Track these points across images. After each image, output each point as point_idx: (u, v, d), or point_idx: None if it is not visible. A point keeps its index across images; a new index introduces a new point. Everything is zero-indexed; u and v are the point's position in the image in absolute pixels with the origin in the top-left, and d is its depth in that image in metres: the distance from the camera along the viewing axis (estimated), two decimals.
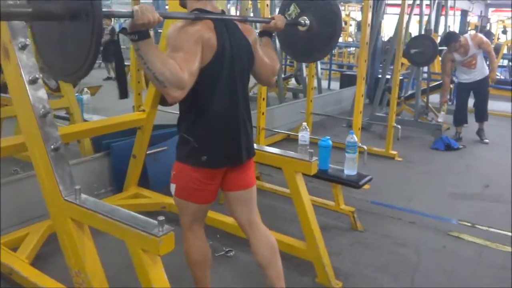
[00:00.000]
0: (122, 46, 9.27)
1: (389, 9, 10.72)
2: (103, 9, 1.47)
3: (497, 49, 10.34)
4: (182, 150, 2.04)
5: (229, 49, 1.95)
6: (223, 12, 2.05)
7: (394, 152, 5.34)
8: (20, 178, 3.09)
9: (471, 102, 6.31)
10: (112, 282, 2.04)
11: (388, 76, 6.53)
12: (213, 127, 1.99)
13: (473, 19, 14.73)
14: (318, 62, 7.41)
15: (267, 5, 4.04)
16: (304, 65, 7.52)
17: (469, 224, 3.61)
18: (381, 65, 7.92)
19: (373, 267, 2.95)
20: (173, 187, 2.11)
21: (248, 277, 2.76)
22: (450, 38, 5.91)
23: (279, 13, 2.83)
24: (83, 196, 1.92)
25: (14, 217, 3.01)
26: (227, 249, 3.05)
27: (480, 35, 6.14)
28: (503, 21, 14.59)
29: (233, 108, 2.03)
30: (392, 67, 5.75)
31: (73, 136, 3.17)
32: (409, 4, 6.21)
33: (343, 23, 16.57)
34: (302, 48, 2.88)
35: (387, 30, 12.54)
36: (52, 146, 1.97)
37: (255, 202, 2.24)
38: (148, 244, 1.68)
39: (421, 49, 5.85)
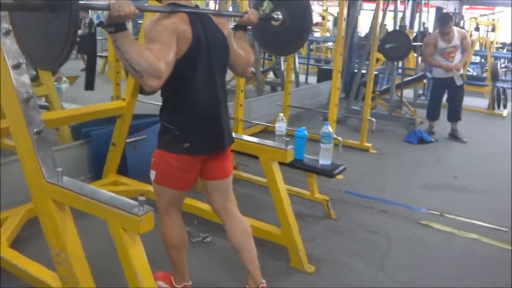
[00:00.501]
0: (99, 37, 9.21)
1: (365, 5, 10.88)
2: (79, 1, 1.56)
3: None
4: (164, 138, 2.12)
5: (204, 40, 2.03)
6: (197, 7, 2.14)
7: (369, 145, 5.49)
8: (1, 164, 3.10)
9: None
10: (92, 264, 2.10)
11: (364, 71, 6.68)
12: (194, 115, 2.08)
13: None
14: (296, 56, 7.51)
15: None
16: (282, 59, 7.64)
17: (437, 213, 3.77)
18: (357, 60, 8.07)
19: (346, 253, 3.07)
20: (152, 173, 2.18)
21: (225, 262, 2.84)
22: (445, 18, 5.99)
23: (252, 8, 2.91)
24: (65, 178, 1.97)
25: None
26: (204, 235, 3.12)
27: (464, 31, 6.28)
28: (476, 19, 14.98)
29: (212, 96, 2.12)
30: (367, 62, 5.88)
31: (54, 122, 3.19)
32: (384, 0, 6.38)
33: (320, 18, 16.69)
34: (277, 42, 2.99)
35: (364, 26, 12.72)
36: (35, 130, 2.00)
37: (231, 190, 2.36)
38: (129, 223, 1.74)
39: (396, 44, 6.00)
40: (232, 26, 2.39)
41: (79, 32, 3.71)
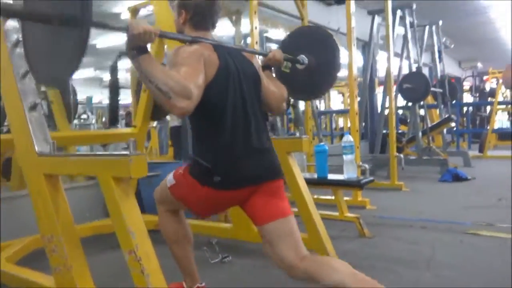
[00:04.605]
0: None
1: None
2: (95, 20, 1.47)
3: None
4: (195, 169, 1.85)
5: (234, 67, 1.84)
6: None
7: (401, 183, 5.16)
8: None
9: None
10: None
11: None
12: (225, 146, 1.80)
13: None
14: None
15: (256, 42, 4.12)
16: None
17: (485, 224, 3.37)
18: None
19: (385, 260, 2.70)
20: (171, 181, 1.95)
21: (246, 281, 2.52)
22: None
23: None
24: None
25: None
26: (223, 255, 2.82)
27: None
28: None
29: (245, 126, 1.85)
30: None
31: (65, 141, 3.11)
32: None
33: None
34: (301, 86, 2.78)
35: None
36: (29, 105, 1.93)
37: (299, 234, 1.85)
38: (119, 168, 1.57)
39: (414, 85, 5.92)
40: None
41: None
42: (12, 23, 2.10)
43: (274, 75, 2.24)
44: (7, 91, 2.02)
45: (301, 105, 7.61)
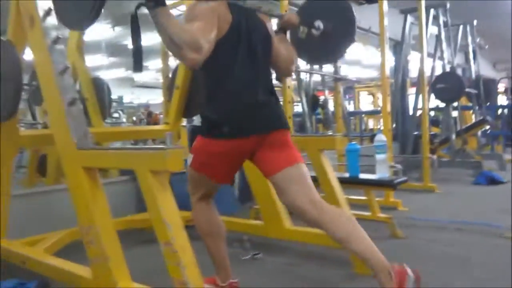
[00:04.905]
0: None
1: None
2: None
3: None
4: (204, 126, 1.99)
5: (245, 24, 1.94)
6: None
7: (433, 185, 5.06)
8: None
9: None
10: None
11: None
12: (232, 99, 1.93)
13: None
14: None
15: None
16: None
17: None
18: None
19: (419, 261, 2.63)
20: (190, 157, 2.05)
21: (278, 278, 2.52)
22: None
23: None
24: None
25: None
26: (254, 252, 2.83)
27: None
28: None
29: (252, 81, 1.97)
30: None
31: (99, 137, 3.17)
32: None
33: None
34: (315, 52, 2.83)
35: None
36: (68, 100, 1.97)
37: (310, 180, 1.95)
38: (155, 162, 1.59)
39: (447, 85, 5.80)
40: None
41: None
42: (51, 20, 2.16)
43: (289, 39, 2.30)
44: (47, 86, 2.08)
45: (330, 106, 7.59)
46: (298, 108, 8.62)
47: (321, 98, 7.30)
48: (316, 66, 6.83)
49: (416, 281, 1.78)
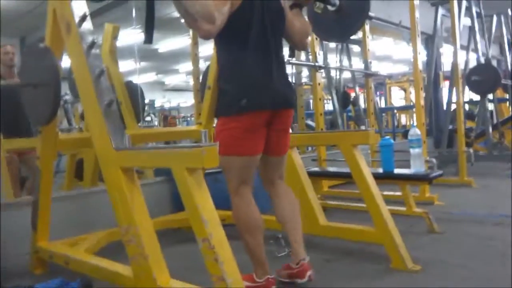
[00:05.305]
0: None
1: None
2: None
3: None
4: (222, 102, 2.13)
5: (259, 1, 2.05)
6: None
7: (470, 179, 4.93)
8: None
9: None
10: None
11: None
12: (248, 73, 2.05)
13: None
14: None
15: None
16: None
17: None
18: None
19: (456, 256, 2.60)
20: (217, 145, 2.07)
21: (315, 274, 2.51)
22: None
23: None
24: None
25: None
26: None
27: None
28: None
29: (266, 58, 2.09)
30: None
31: (136, 139, 3.23)
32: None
33: None
34: (330, 27, 2.83)
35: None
36: (105, 102, 2.03)
37: (285, 165, 2.38)
38: (192, 159, 1.62)
39: (482, 77, 5.64)
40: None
41: None
42: (87, 26, 2.22)
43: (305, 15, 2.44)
44: (84, 90, 2.14)
45: (361, 103, 7.51)
46: (328, 106, 8.58)
47: (352, 95, 7.25)
48: (346, 63, 6.83)
49: None
